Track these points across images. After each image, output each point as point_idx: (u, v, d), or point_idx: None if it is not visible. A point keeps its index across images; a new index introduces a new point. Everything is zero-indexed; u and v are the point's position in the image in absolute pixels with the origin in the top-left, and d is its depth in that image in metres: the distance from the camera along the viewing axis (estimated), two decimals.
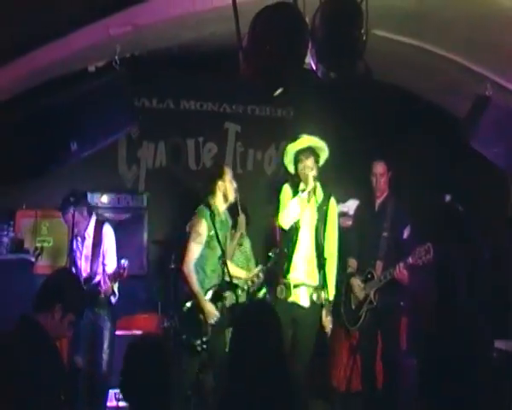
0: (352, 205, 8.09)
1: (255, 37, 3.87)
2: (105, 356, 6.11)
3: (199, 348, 6.00)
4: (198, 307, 6.03)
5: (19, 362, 3.49)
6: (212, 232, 6.08)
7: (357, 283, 6.38)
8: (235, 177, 8.26)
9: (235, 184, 6.35)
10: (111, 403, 6.43)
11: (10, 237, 6.75)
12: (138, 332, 7.29)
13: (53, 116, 5.65)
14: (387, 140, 7.94)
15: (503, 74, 6.20)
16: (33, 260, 6.65)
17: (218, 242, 6.03)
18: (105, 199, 7.37)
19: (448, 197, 6.47)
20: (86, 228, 6.21)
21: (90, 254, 6.20)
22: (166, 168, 8.15)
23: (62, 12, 5.11)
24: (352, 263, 6.57)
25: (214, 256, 6.13)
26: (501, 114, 6.09)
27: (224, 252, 6.06)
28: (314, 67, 4.04)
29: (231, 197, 6.31)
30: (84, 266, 6.20)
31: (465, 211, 6.43)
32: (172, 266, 6.83)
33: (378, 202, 6.63)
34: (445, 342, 2.79)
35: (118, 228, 7.20)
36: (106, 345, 6.14)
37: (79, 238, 6.21)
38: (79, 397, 6.00)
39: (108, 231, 6.33)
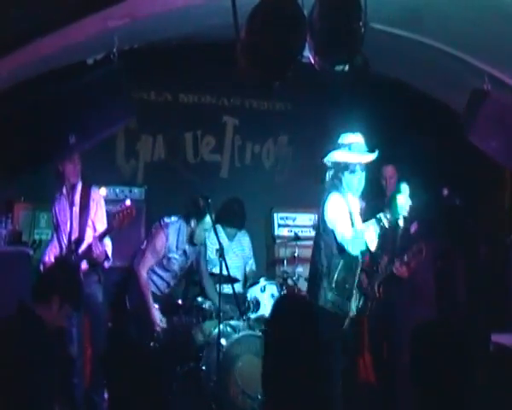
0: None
1: (253, 30, 3.87)
2: (101, 347, 6.13)
3: None
4: None
5: (16, 350, 3.51)
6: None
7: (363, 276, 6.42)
8: (234, 170, 8.36)
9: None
10: None
11: (8, 229, 6.74)
12: None
13: (51, 109, 5.64)
14: (392, 135, 7.96)
15: (502, 68, 6.20)
16: (31, 252, 6.65)
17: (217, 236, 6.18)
18: (103, 192, 7.35)
19: (446, 191, 6.52)
20: (74, 195, 6.18)
21: (78, 217, 6.12)
22: (165, 161, 8.15)
23: (60, 4, 5.10)
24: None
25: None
26: (499, 109, 6.09)
27: (220, 244, 6.15)
28: (312, 60, 4.04)
29: None
30: (72, 230, 6.13)
31: (463, 205, 6.46)
32: None
33: (386, 199, 6.83)
34: (442, 334, 2.78)
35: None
36: (101, 335, 6.15)
37: (64, 211, 6.19)
38: (75, 387, 6.01)
39: (96, 193, 6.29)
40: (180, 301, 6.66)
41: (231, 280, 6.46)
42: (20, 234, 6.85)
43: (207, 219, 6.49)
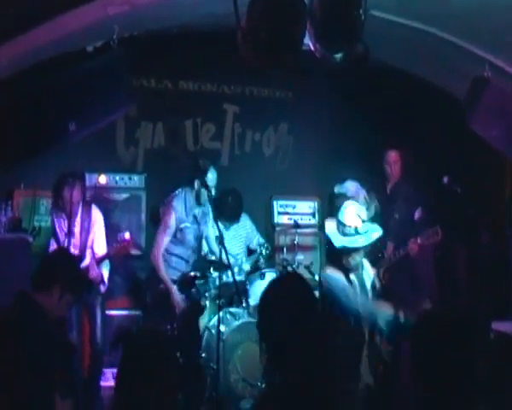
0: (350, 186, 8.11)
1: (254, 17, 3.86)
2: (98, 335, 6.18)
3: None
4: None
5: (16, 339, 3.51)
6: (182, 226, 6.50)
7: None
8: (234, 158, 8.35)
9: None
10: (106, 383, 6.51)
11: (8, 216, 6.74)
12: (136, 313, 7.36)
13: (51, 96, 5.63)
14: (393, 124, 7.96)
15: (503, 56, 6.18)
16: (31, 239, 6.65)
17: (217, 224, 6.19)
18: (103, 179, 7.37)
19: (446, 179, 6.52)
20: (75, 216, 6.21)
21: (78, 238, 6.22)
22: (165, 149, 8.14)
23: None
24: None
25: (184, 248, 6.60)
26: (499, 97, 6.08)
27: (220, 232, 6.14)
28: (312, 48, 4.03)
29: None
30: (73, 248, 6.19)
31: (463, 193, 6.48)
32: None
33: (390, 186, 7.12)
34: (443, 323, 2.78)
35: (115, 208, 7.23)
36: (99, 324, 6.20)
37: (64, 220, 6.21)
38: (75, 376, 6.03)
39: (96, 214, 6.37)
40: (192, 273, 6.62)
41: (231, 269, 6.46)
42: (20, 221, 6.85)
43: (209, 175, 6.53)
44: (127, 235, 6.09)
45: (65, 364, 4.01)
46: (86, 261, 6.13)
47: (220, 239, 6.17)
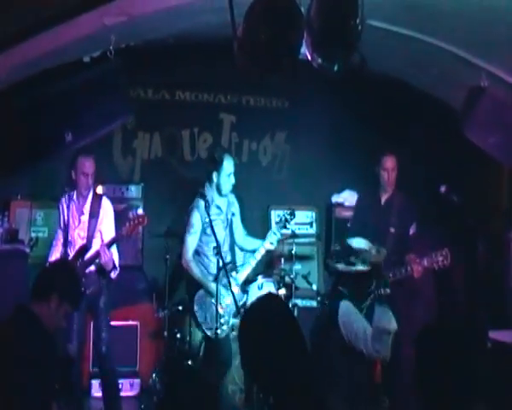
0: (348, 196, 8.12)
1: (250, 27, 3.86)
2: (104, 346, 6.08)
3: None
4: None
5: (14, 351, 3.50)
6: (207, 220, 6.27)
7: None
8: None
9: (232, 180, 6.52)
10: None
11: (5, 227, 6.74)
12: (134, 323, 7.35)
13: (48, 106, 5.64)
14: (390, 134, 7.96)
15: (499, 65, 6.19)
16: (28, 250, 6.64)
17: (212, 231, 6.11)
18: (100, 190, 7.34)
19: (443, 188, 6.44)
20: (84, 203, 6.16)
21: (86, 226, 6.11)
22: (162, 159, 8.14)
23: (56, 1, 5.08)
24: None
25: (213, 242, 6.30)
26: (496, 105, 6.09)
27: (217, 241, 6.08)
28: (309, 58, 4.03)
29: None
30: (79, 237, 6.11)
31: (461, 202, 6.41)
32: (167, 257, 6.83)
33: (384, 198, 6.63)
34: (441, 331, 2.79)
35: None
36: (104, 333, 6.10)
37: (73, 218, 6.15)
38: (74, 386, 5.99)
39: (106, 203, 6.29)
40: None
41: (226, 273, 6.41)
42: (17, 232, 6.84)
43: (225, 164, 6.50)
44: (140, 210, 6.02)
45: (63, 375, 3.99)
46: (95, 248, 6.01)
47: (218, 250, 6.11)
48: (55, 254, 6.10)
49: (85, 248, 5.96)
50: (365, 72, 4.50)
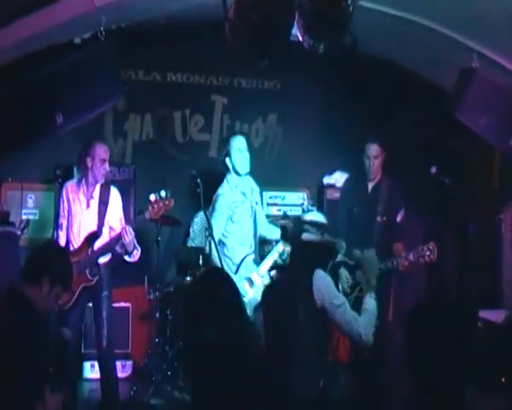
0: (339, 177, 8.11)
1: (241, 8, 3.85)
2: (105, 329, 6.03)
3: None
4: None
5: (5, 333, 3.50)
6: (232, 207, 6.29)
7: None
8: (222, 149, 8.32)
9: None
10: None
11: None
12: (126, 305, 7.36)
13: (38, 88, 5.61)
14: (378, 116, 7.95)
15: (490, 46, 6.20)
16: (19, 232, 6.63)
17: (206, 216, 6.11)
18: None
19: (434, 169, 6.41)
20: (93, 190, 6.10)
21: (96, 211, 5.99)
22: (153, 141, 8.13)
23: None
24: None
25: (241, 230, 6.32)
26: (487, 86, 6.10)
27: (210, 224, 6.05)
28: (301, 39, 4.03)
29: None
30: (88, 223, 6.00)
31: (451, 183, 6.40)
32: (159, 239, 6.84)
33: (371, 184, 6.52)
34: (431, 312, 2.81)
35: None
36: (105, 316, 6.04)
37: (80, 203, 6.06)
38: (68, 370, 5.98)
39: (115, 192, 6.17)
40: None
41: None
42: (8, 214, 6.81)
43: (233, 141, 6.43)
44: (163, 192, 5.93)
45: (55, 358, 3.99)
46: (105, 238, 5.95)
47: (210, 232, 6.08)
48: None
49: (95, 235, 5.90)
50: (357, 53, 4.49)
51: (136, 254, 6.06)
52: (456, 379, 2.69)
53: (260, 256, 6.56)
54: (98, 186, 6.04)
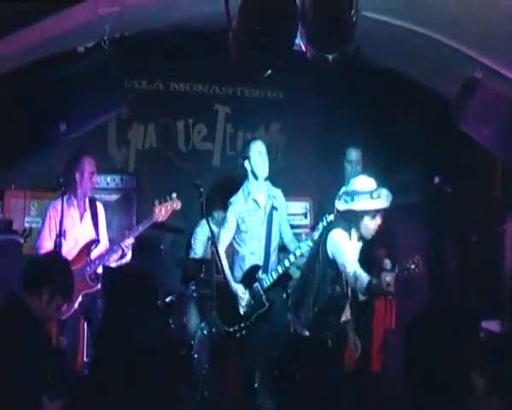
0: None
1: (245, 18, 3.86)
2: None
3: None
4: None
5: (6, 340, 3.50)
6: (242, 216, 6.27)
7: None
8: (226, 158, 8.35)
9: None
10: None
11: None
12: None
13: (42, 97, 5.63)
14: (385, 125, 7.96)
15: (493, 57, 6.20)
16: (22, 241, 6.63)
17: (208, 223, 6.08)
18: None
19: (437, 179, 6.43)
20: (84, 203, 6.17)
21: (90, 223, 6.18)
22: (156, 150, 8.14)
23: None
24: None
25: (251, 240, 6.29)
26: (490, 97, 6.10)
27: (212, 231, 6.03)
28: (304, 49, 4.03)
29: None
30: (82, 236, 6.13)
31: (453, 193, 6.41)
32: (161, 247, 6.83)
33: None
34: (433, 322, 2.81)
35: (107, 209, 7.21)
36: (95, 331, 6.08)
37: (73, 218, 6.13)
38: (66, 378, 5.97)
39: (100, 206, 6.37)
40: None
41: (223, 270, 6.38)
42: (11, 222, 6.81)
43: (253, 145, 6.44)
44: (174, 194, 6.13)
45: (54, 367, 3.99)
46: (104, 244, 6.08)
47: (213, 240, 6.06)
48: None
49: (95, 242, 5.99)
50: (360, 62, 4.51)
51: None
52: (456, 387, 2.69)
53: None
54: (87, 199, 6.13)
